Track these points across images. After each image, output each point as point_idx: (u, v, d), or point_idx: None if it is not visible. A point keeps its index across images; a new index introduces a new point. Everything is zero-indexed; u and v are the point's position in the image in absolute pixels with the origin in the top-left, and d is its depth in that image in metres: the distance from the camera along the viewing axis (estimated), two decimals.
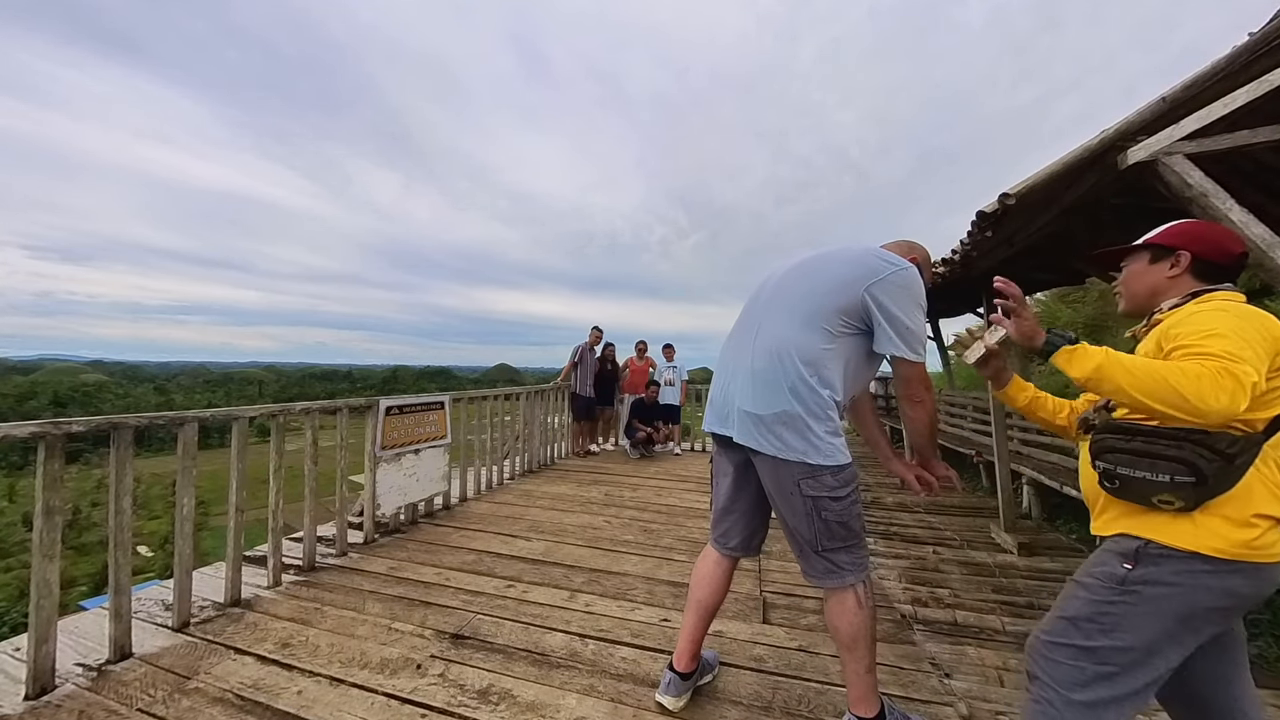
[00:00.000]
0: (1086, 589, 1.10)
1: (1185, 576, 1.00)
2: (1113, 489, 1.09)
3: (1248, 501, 0.99)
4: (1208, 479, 0.97)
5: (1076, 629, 1.09)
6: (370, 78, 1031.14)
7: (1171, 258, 1.18)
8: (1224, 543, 0.98)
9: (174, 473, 2.17)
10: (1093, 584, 1.10)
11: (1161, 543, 1.03)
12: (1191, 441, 0.98)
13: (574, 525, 3.58)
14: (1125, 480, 1.06)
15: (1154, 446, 1.02)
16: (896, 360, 1.46)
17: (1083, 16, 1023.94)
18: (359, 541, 3.12)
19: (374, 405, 3.19)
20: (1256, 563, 0.98)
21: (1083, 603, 1.10)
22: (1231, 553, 0.98)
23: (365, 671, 1.87)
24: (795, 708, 1.73)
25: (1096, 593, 1.08)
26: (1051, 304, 8.09)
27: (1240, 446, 0.97)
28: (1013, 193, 2.12)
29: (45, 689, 1.70)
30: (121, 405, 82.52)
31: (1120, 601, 1.05)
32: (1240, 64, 1.83)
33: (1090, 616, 1.08)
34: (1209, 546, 0.99)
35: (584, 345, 6.44)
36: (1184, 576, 1.01)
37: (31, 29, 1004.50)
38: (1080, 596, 1.11)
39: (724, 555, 1.72)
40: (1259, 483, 0.99)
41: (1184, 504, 1.00)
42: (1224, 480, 0.98)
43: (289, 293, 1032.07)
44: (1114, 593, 1.06)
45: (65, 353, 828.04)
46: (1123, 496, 1.08)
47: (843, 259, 1.54)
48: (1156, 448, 1.01)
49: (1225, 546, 0.98)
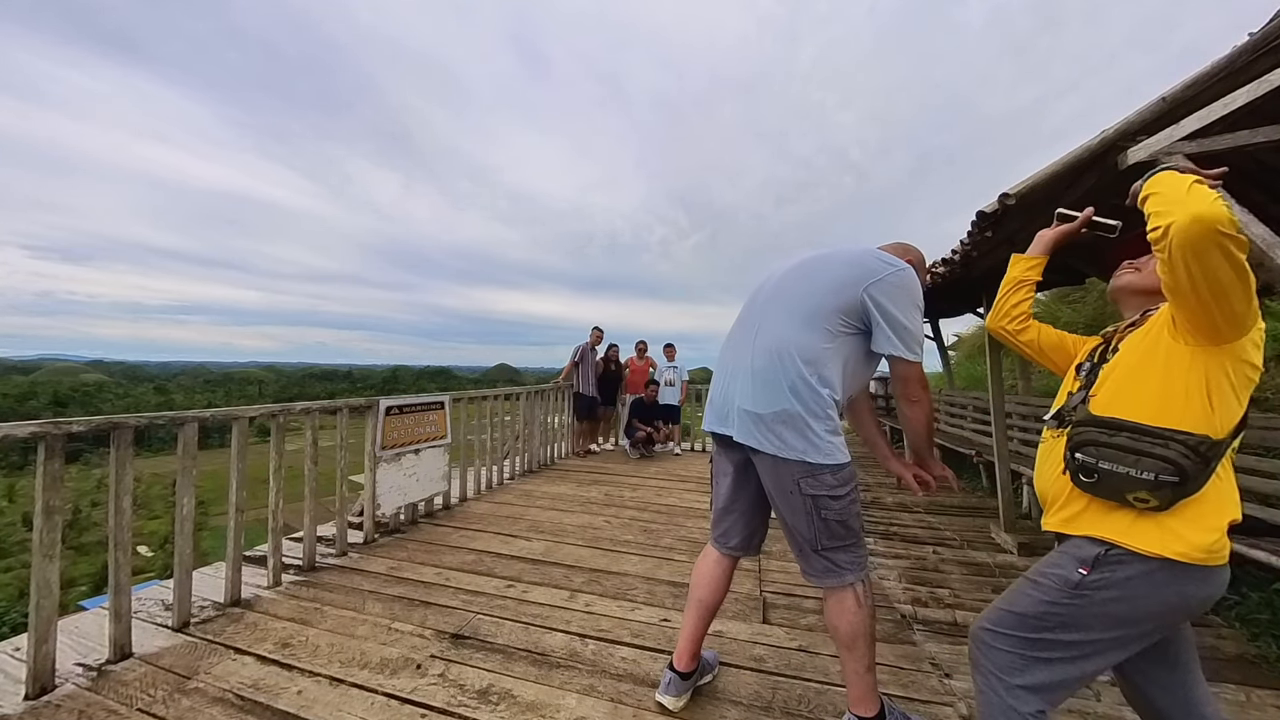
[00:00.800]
0: (1038, 588, 1.11)
1: (1140, 581, 1.01)
2: (1089, 483, 1.07)
3: (1211, 506, 1.00)
4: (1188, 480, 0.97)
5: (1022, 623, 1.11)
6: (370, 78, 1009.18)
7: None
8: (1187, 546, 0.98)
9: (174, 473, 2.18)
10: (1045, 584, 1.10)
11: (1124, 546, 1.03)
12: (1178, 441, 0.98)
13: (574, 525, 3.58)
14: (1105, 475, 1.04)
15: (1140, 443, 1.01)
16: (894, 360, 1.46)
17: (1082, 17, 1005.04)
18: (359, 541, 3.12)
19: (374, 405, 3.19)
20: (1211, 567, 0.99)
21: (1032, 601, 1.11)
22: (1194, 557, 0.98)
23: (365, 671, 1.87)
24: (795, 708, 1.73)
25: (1047, 593, 1.09)
26: (1052, 304, 8.09)
27: (1216, 450, 0.98)
28: (1013, 193, 2.12)
29: (45, 689, 1.70)
30: (121, 405, 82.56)
31: (1069, 604, 1.06)
32: (1240, 64, 1.83)
33: (1038, 615, 1.09)
34: (1173, 550, 0.99)
35: (585, 345, 6.45)
36: (1138, 581, 1.01)
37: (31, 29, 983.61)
38: (1030, 594, 1.12)
39: (724, 555, 1.72)
40: (1216, 488, 1.00)
41: (1159, 504, 1.00)
42: (1198, 482, 0.99)
43: (289, 293, 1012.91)
44: (1064, 595, 1.06)
45: (65, 353, 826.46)
46: (1097, 492, 1.07)
47: (842, 259, 1.54)
48: (1143, 445, 1.01)
49: (1188, 550, 0.98)
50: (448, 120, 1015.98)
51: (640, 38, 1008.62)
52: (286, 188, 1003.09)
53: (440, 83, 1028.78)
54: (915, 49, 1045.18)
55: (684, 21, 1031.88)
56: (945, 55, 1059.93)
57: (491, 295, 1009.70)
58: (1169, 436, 0.99)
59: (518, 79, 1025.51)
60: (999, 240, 2.74)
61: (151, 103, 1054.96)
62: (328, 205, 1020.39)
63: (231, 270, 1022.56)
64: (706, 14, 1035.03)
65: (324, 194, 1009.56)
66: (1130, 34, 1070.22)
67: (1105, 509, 1.07)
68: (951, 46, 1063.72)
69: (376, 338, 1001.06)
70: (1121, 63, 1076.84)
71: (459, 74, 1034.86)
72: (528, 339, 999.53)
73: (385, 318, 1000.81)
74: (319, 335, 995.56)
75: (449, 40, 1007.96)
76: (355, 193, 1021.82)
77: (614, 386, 6.86)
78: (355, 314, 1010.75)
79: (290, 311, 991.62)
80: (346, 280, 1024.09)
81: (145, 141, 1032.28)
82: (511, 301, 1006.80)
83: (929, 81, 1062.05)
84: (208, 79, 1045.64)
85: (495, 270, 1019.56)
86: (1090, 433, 1.09)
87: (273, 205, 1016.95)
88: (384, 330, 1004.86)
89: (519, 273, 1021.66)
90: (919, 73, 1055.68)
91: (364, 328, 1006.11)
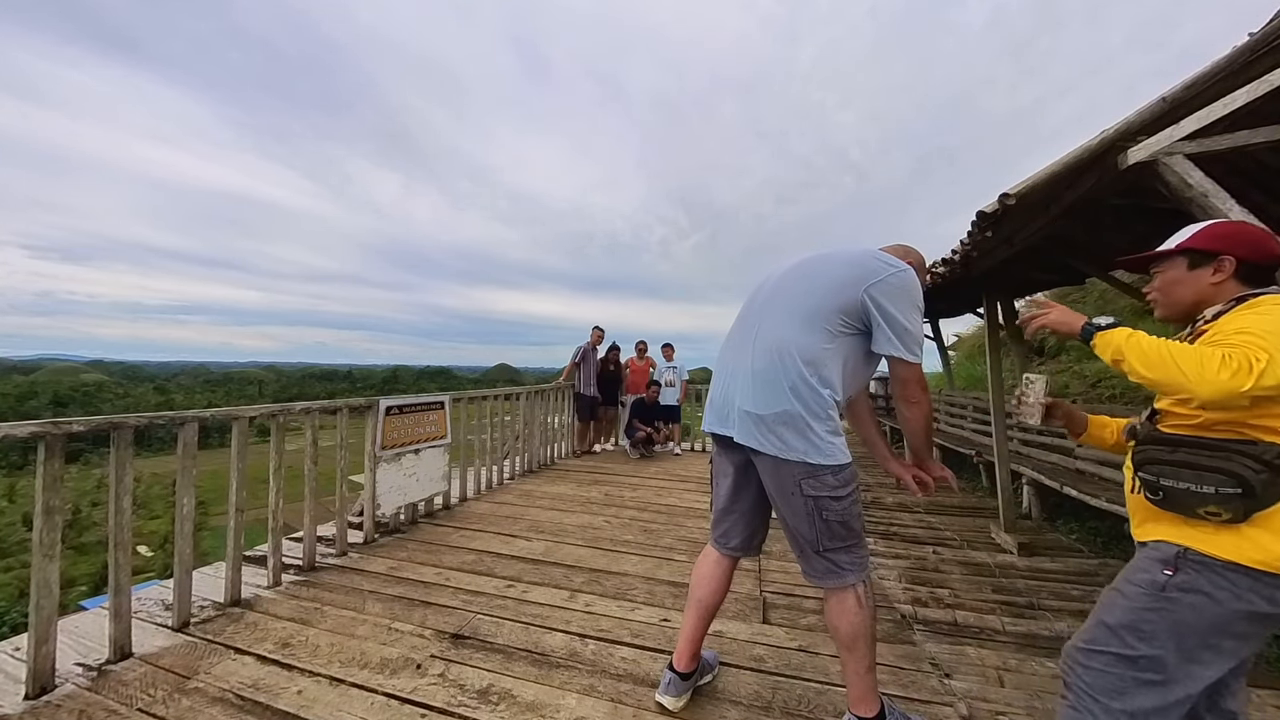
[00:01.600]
0: (1125, 596, 1.08)
1: (1225, 587, 0.98)
2: (1157, 500, 1.06)
3: None
4: (1255, 490, 0.94)
5: (1115, 636, 1.06)
6: (370, 78, 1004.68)
7: (1214, 263, 1.12)
8: (1266, 555, 0.95)
9: (174, 473, 2.17)
10: (1132, 591, 1.07)
11: (1201, 551, 1.00)
12: (1237, 452, 0.96)
13: (574, 525, 3.58)
14: (1169, 492, 1.03)
15: (1198, 458, 0.99)
16: (894, 361, 1.46)
17: (1082, 17, 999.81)
18: (359, 541, 3.12)
19: (374, 405, 3.19)
20: None
21: (1122, 610, 1.07)
22: (1276, 566, 0.95)
23: (365, 671, 1.87)
24: (795, 708, 1.73)
25: (1136, 599, 1.05)
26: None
27: None
28: (1013, 193, 2.12)
29: (45, 689, 1.70)
30: (121, 405, 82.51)
31: (1159, 609, 1.02)
32: (1240, 64, 1.83)
33: (1129, 624, 1.05)
34: (1252, 559, 0.96)
35: (586, 345, 6.45)
36: (1223, 587, 0.98)
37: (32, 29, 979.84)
38: (1119, 604, 1.08)
39: (724, 555, 1.72)
40: None
41: (1231, 516, 0.97)
42: (1273, 492, 0.95)
43: (289, 293, 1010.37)
44: (1153, 600, 1.03)
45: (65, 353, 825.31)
46: (1167, 508, 1.05)
47: (842, 260, 1.54)
48: (1200, 459, 0.99)
49: (1267, 559, 0.95)
50: (448, 120, 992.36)
51: (640, 37, 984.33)
52: (287, 188, 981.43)
53: (440, 83, 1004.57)
54: (915, 49, 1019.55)
55: (684, 21, 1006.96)
56: (945, 56, 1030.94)
57: (491, 295, 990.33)
58: (1229, 448, 0.97)
59: (518, 79, 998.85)
60: (999, 240, 2.74)
61: (152, 103, 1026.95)
62: (328, 205, 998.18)
63: (231, 270, 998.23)
64: (706, 14, 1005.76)
65: (324, 194, 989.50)
66: (1130, 34, 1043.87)
67: (1184, 520, 1.05)
68: (952, 47, 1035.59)
69: (376, 338, 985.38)
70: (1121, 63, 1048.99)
71: (459, 74, 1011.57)
72: (528, 339, 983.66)
73: (385, 318, 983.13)
74: (319, 335, 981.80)
75: (449, 40, 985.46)
76: (355, 193, 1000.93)
77: (614, 386, 6.86)
78: (355, 314, 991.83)
79: (290, 311, 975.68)
80: (346, 280, 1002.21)
81: (145, 141, 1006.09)
82: (511, 301, 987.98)
83: (929, 82, 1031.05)
84: (208, 79, 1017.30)
85: (495, 270, 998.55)
86: (1150, 450, 1.08)
87: (273, 205, 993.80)
88: (384, 330, 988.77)
89: (519, 273, 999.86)
90: (919, 73, 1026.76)
91: (364, 328, 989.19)
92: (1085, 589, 2.76)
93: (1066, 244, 3.31)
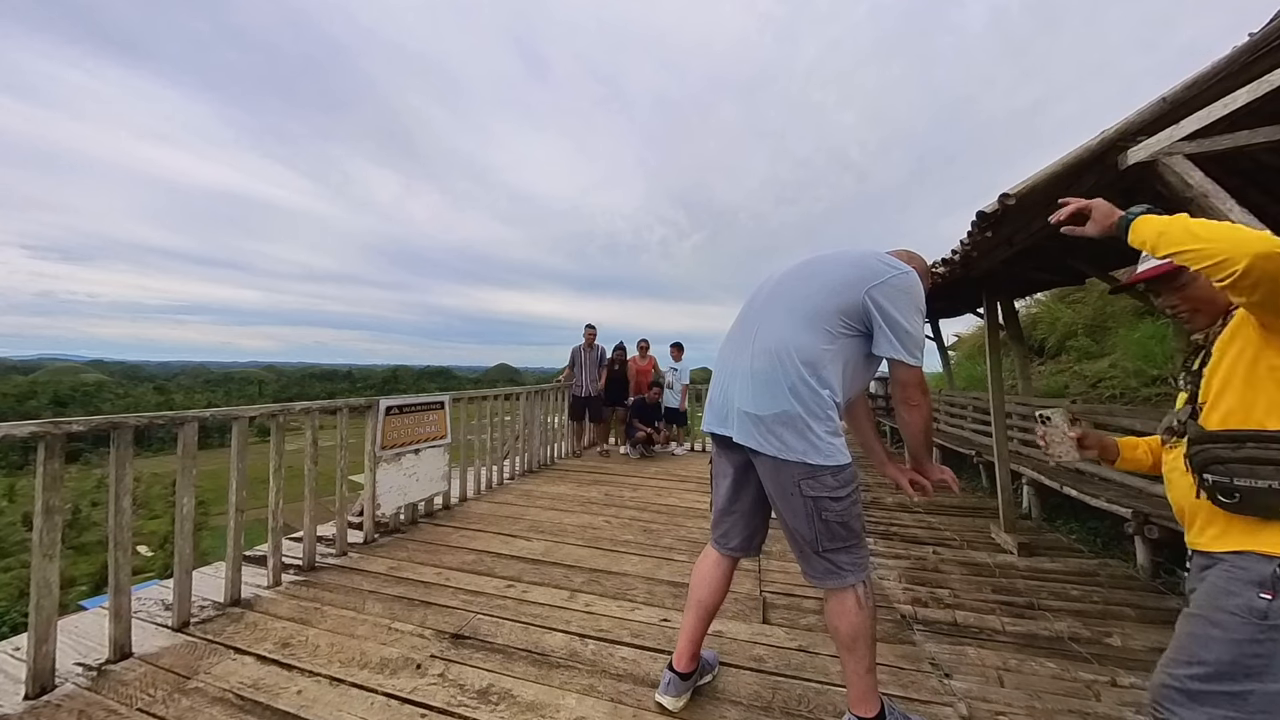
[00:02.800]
0: (1220, 627, 0.96)
1: None
2: (1233, 504, 0.96)
3: None
4: None
5: (1222, 675, 0.95)
6: (370, 78, 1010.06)
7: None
8: None
9: (174, 473, 2.17)
10: (1228, 621, 0.95)
11: None
12: None
13: (574, 525, 3.58)
14: (1247, 493, 0.94)
15: (1271, 451, 0.92)
16: (894, 363, 1.46)
17: (1082, 17, 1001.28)
18: (359, 541, 3.12)
19: (374, 405, 3.19)
20: None
21: (1222, 645, 0.95)
22: None
23: (365, 671, 1.87)
24: (795, 708, 1.73)
25: (1235, 630, 0.94)
26: (1051, 304, 8.09)
27: None
28: (1013, 193, 2.12)
29: (45, 689, 1.70)
30: (121, 405, 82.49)
31: (1265, 639, 0.91)
32: (1240, 64, 1.83)
33: (1234, 659, 0.94)
34: None
35: (580, 346, 6.47)
36: None
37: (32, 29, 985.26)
38: (1216, 637, 0.96)
39: (724, 555, 1.72)
40: None
41: None
42: None
43: (289, 293, 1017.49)
44: (1257, 630, 0.92)
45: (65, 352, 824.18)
46: (1243, 511, 0.96)
47: (844, 261, 1.54)
48: (1273, 452, 0.92)
49: None
50: (448, 120, 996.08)
51: (640, 38, 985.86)
52: (287, 188, 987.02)
53: (440, 83, 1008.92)
54: (915, 50, 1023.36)
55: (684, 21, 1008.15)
56: (945, 56, 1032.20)
57: (491, 295, 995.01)
58: None
59: (518, 79, 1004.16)
60: (999, 240, 2.74)
61: (152, 103, 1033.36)
62: (328, 205, 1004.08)
63: (231, 270, 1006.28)
64: (706, 14, 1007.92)
65: (324, 194, 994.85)
66: (1130, 34, 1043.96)
67: (1260, 523, 0.96)
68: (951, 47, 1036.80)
69: (376, 338, 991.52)
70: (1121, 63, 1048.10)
71: (459, 74, 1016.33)
72: (528, 339, 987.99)
73: (385, 317, 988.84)
74: (319, 335, 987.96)
75: (449, 41, 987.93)
76: (355, 193, 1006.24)
77: (622, 387, 6.78)
78: (355, 314, 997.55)
79: (290, 311, 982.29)
80: (346, 280, 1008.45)
81: (146, 141, 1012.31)
82: (511, 301, 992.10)
83: (929, 82, 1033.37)
84: (208, 79, 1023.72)
85: (495, 270, 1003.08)
86: (1211, 450, 1.00)
87: (273, 205, 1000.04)
88: (384, 330, 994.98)
89: (519, 273, 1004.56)
90: (919, 73, 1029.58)
91: (364, 327, 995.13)
92: (1085, 589, 2.76)
93: (1066, 244, 3.31)
